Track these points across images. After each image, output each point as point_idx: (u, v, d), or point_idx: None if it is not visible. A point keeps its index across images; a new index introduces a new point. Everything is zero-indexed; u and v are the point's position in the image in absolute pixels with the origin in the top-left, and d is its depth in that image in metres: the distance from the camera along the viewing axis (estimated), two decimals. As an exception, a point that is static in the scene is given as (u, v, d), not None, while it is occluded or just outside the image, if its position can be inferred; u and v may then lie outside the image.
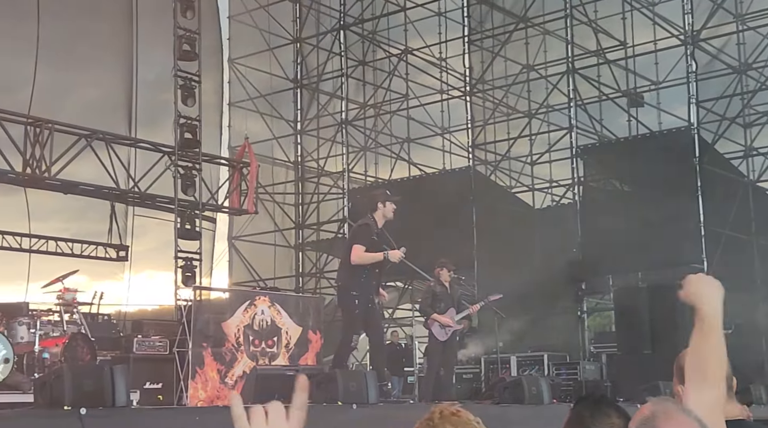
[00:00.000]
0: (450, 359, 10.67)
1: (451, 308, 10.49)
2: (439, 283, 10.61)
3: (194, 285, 13.31)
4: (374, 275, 8.96)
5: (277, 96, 21.28)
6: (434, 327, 10.40)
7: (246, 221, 19.53)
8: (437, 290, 10.55)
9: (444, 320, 10.37)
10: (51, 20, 15.38)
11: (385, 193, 9.27)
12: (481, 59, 19.55)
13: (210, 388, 10.92)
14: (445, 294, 10.54)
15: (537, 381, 9.85)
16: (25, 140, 13.75)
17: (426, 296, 10.65)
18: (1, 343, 8.69)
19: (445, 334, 10.40)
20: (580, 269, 16.52)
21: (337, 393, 8.01)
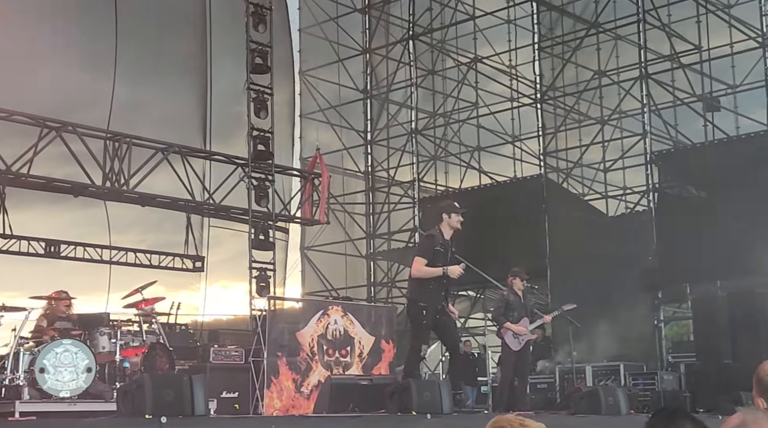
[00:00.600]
0: (524, 369, 10.58)
1: (525, 318, 10.41)
2: (512, 292, 10.54)
3: (269, 295, 13.47)
4: (442, 285, 8.94)
5: (348, 107, 21.45)
6: (507, 336, 10.33)
7: (318, 232, 19.72)
8: (510, 299, 10.47)
9: (518, 329, 10.30)
10: (128, 38, 15.79)
11: (451, 204, 9.26)
12: (552, 66, 19.41)
13: (285, 397, 11.04)
14: (519, 303, 10.47)
15: (614, 392, 9.70)
16: (105, 154, 14.15)
17: (499, 305, 10.58)
18: (84, 353, 8.92)
19: (518, 343, 10.32)
20: (656, 278, 16.25)
21: (411, 403, 8.02)
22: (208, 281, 17.55)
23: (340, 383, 9.17)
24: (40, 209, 15.27)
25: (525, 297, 10.58)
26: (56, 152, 13.78)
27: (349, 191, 21.22)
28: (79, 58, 15.31)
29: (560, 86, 19.46)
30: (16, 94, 13.79)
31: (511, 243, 16.50)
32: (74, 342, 8.94)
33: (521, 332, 10.29)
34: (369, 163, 21.50)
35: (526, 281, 10.56)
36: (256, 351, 11.27)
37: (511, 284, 10.54)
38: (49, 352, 8.70)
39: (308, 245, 20.59)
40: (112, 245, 15.81)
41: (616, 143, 18.78)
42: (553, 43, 19.41)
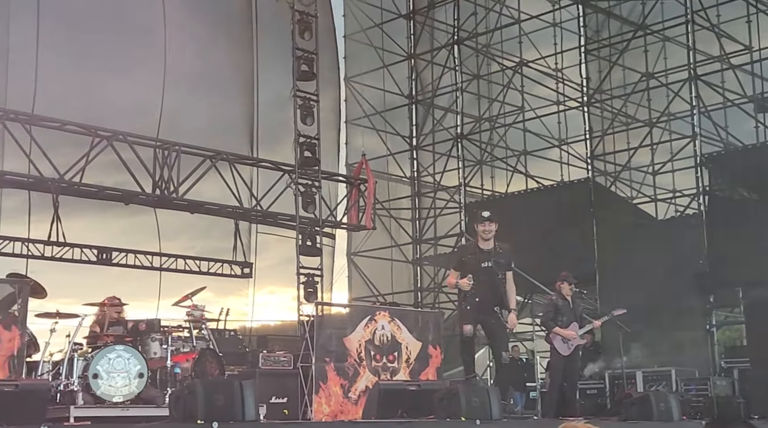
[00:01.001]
0: (573, 374, 10.50)
1: (574, 323, 10.33)
2: (560, 297, 10.48)
3: (316, 301, 13.54)
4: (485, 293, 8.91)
5: (393, 112, 21.48)
6: (556, 341, 10.26)
7: (364, 237, 19.77)
8: (559, 304, 10.41)
9: (567, 333, 10.22)
10: (177, 47, 16.00)
11: (477, 213, 9.30)
12: (599, 68, 19.26)
13: (334, 403, 11.07)
14: (567, 308, 10.39)
15: (665, 397, 9.58)
16: (155, 162, 14.37)
17: (548, 309, 10.52)
18: (136, 358, 9.05)
19: (567, 348, 10.25)
20: (707, 282, 16.01)
21: (460, 409, 8.01)
22: (256, 287, 17.69)
23: (389, 388, 9.18)
24: (92, 217, 15.54)
25: (573, 302, 10.51)
26: (107, 161, 14.03)
27: (395, 196, 21.24)
28: (129, 68, 15.54)
29: (607, 89, 19.29)
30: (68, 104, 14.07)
31: (559, 248, 16.37)
32: (126, 347, 9.08)
33: (571, 337, 10.21)
34: (415, 168, 21.49)
35: (574, 286, 10.49)
36: (304, 357, 11.32)
37: (560, 289, 10.48)
38: (102, 358, 8.84)
39: (355, 251, 20.64)
40: (161, 251, 16.02)
41: (665, 146, 18.55)
42: (599, 46, 19.25)
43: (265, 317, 19.05)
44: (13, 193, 13.98)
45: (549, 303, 10.60)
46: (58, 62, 14.41)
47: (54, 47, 14.34)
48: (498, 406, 8.24)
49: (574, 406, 10.37)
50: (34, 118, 13.32)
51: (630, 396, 9.79)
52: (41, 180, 13.22)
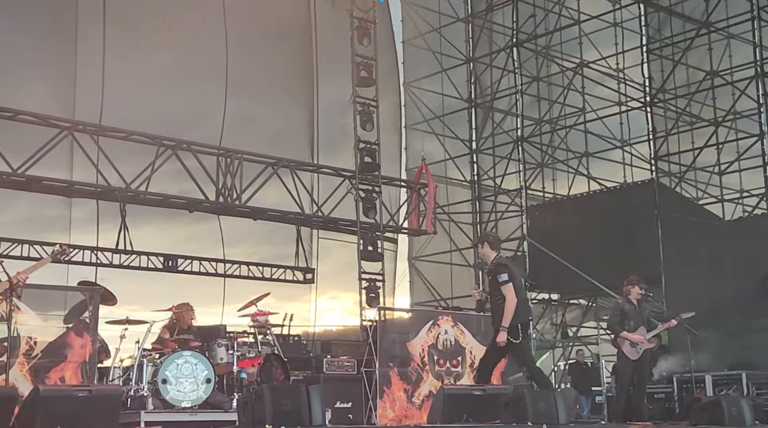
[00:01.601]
0: (642, 378, 10.31)
1: (642, 327, 10.17)
2: (627, 300, 10.32)
3: (379, 306, 13.60)
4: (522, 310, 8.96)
5: (452, 116, 21.43)
6: (625, 345, 10.11)
7: (425, 242, 19.77)
8: (626, 308, 10.24)
9: (635, 338, 10.06)
10: (238, 55, 16.22)
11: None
12: (661, 68, 18.98)
13: (398, 407, 11.10)
14: (634, 312, 10.22)
15: (737, 402, 9.38)
16: (218, 170, 14.61)
17: (615, 313, 10.35)
18: (203, 364, 9.19)
19: (636, 353, 10.09)
20: (777, 283, 15.66)
21: (526, 414, 7.97)
22: (318, 292, 17.80)
23: (454, 393, 9.15)
24: (157, 225, 15.82)
25: (640, 306, 10.34)
26: (172, 169, 14.30)
27: (455, 200, 21.19)
28: (192, 78, 15.80)
29: (671, 88, 19.00)
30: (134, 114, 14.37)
31: (622, 250, 16.18)
32: (194, 353, 9.22)
33: (639, 341, 10.06)
34: (475, 172, 21.43)
35: (643, 290, 10.33)
36: (367, 362, 11.38)
37: (627, 293, 10.31)
38: (170, 363, 8.99)
39: (416, 256, 20.64)
40: (225, 258, 16.24)
41: (732, 145, 18.19)
42: (662, 45, 18.98)
43: (328, 323, 19.17)
44: (82, 203, 14.32)
45: (616, 307, 10.43)
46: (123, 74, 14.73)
47: (119, 59, 14.66)
48: (565, 411, 8.16)
49: (642, 411, 10.21)
50: (102, 129, 13.63)
51: (699, 401, 9.62)
52: (109, 190, 13.52)
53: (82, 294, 9.37)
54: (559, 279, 18.71)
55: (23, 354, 8.65)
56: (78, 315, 9.23)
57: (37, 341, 8.82)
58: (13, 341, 8.11)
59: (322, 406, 7.27)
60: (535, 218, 19.68)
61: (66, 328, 9.15)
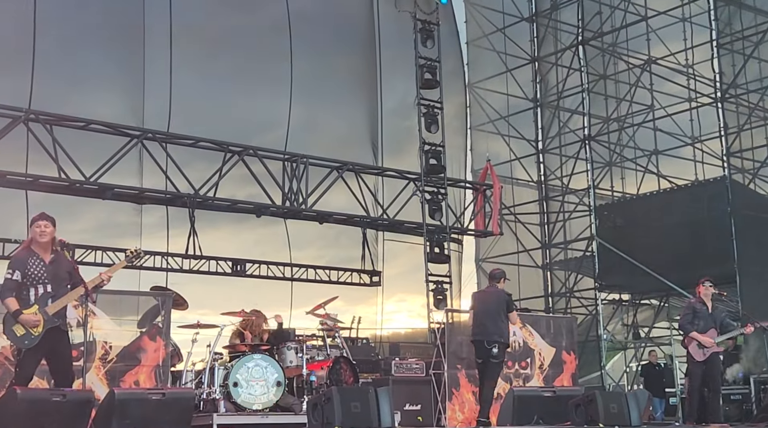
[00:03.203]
0: (714, 380, 10.13)
1: (712, 329, 10.00)
2: (699, 300, 10.17)
3: (446, 308, 13.58)
4: None
5: (517, 116, 21.33)
6: (692, 346, 9.96)
7: (492, 243, 19.69)
8: (697, 308, 10.10)
9: (703, 339, 9.91)
10: (302, 60, 16.39)
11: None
12: (732, 62, 18.60)
13: (467, 410, 11.09)
14: (705, 313, 10.07)
15: (816, 403, 9.17)
16: (283, 174, 14.75)
17: (686, 312, 10.23)
18: (273, 367, 9.31)
19: (702, 354, 9.93)
20: None
21: (597, 415, 7.91)
22: (386, 294, 17.86)
23: (524, 395, 9.13)
24: (225, 230, 16.06)
25: (714, 307, 10.17)
26: (239, 175, 14.49)
27: (522, 201, 21.06)
28: (257, 84, 16.02)
29: (742, 83, 18.59)
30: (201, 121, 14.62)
31: (695, 249, 15.91)
32: (264, 356, 9.35)
33: (708, 343, 9.90)
34: (541, 172, 21.27)
35: (713, 288, 10.16)
36: (436, 364, 11.39)
37: (699, 293, 10.18)
38: (241, 367, 9.13)
39: (483, 257, 20.58)
40: (292, 262, 16.40)
41: (807, 140, 17.77)
42: (732, 39, 18.59)
43: (396, 325, 19.22)
44: (152, 209, 14.61)
45: (687, 306, 10.31)
46: (190, 80, 15.00)
47: (186, 68, 14.93)
48: (637, 412, 8.08)
49: (718, 412, 10.03)
50: (170, 136, 13.89)
51: (777, 402, 9.41)
52: (178, 196, 13.77)
53: (154, 299, 9.59)
54: (630, 279, 18.47)
55: (99, 359, 8.88)
56: (151, 320, 9.45)
57: (112, 345, 9.05)
58: (89, 345, 8.33)
59: (390, 408, 7.32)
60: (603, 218, 19.45)
61: (140, 332, 9.37)
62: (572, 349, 12.38)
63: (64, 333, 6.92)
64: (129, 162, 13.59)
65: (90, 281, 6.93)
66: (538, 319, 12.81)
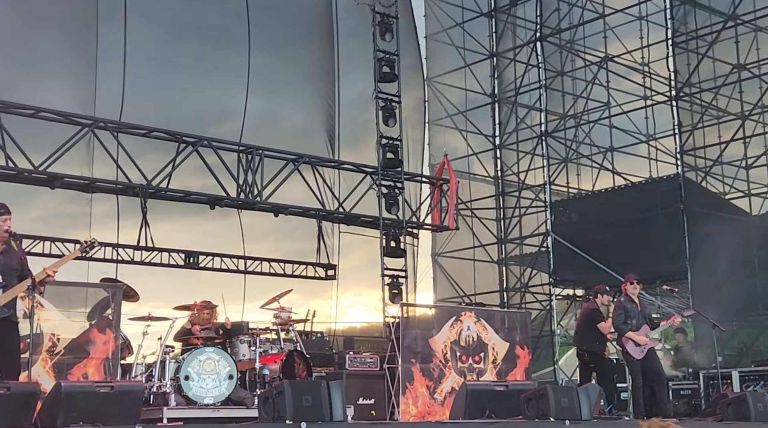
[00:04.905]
0: (657, 375, 10.31)
1: (644, 325, 10.22)
2: (628, 299, 10.36)
3: (401, 302, 13.61)
4: None
5: (475, 112, 21.41)
6: (629, 345, 10.17)
7: (448, 238, 19.77)
8: (628, 307, 10.31)
9: (639, 338, 10.12)
10: (260, 50, 16.29)
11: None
12: (687, 61, 18.81)
13: (421, 404, 11.12)
14: (635, 310, 10.30)
15: (763, 398, 9.36)
16: (239, 166, 14.67)
17: (619, 312, 10.40)
18: (226, 360, 9.25)
19: (640, 352, 10.13)
20: (806, 278, 15.53)
21: (549, 410, 7.97)
22: (341, 288, 17.87)
23: (476, 389, 9.17)
24: (178, 221, 15.94)
25: (641, 304, 10.43)
26: (193, 166, 14.38)
27: (478, 196, 21.17)
28: (213, 74, 15.89)
29: (696, 82, 18.85)
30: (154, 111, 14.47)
31: (648, 246, 16.08)
32: (216, 349, 9.29)
33: (644, 342, 10.10)
34: (498, 167, 21.39)
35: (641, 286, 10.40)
36: (390, 358, 11.40)
37: (625, 291, 10.38)
38: (193, 360, 9.06)
39: (439, 252, 20.65)
40: (246, 255, 16.32)
41: (759, 139, 18.05)
42: (687, 38, 18.82)
43: (351, 319, 19.23)
44: (102, 199, 14.44)
45: (619, 306, 10.48)
46: (144, 69, 14.83)
47: (140, 56, 14.77)
48: (588, 407, 8.16)
49: (666, 407, 10.19)
50: (122, 125, 13.74)
51: (725, 397, 9.58)
52: (129, 186, 13.62)
53: (104, 291, 9.47)
54: (584, 275, 18.63)
55: (46, 351, 8.75)
56: (101, 312, 9.33)
57: (60, 337, 8.92)
58: (36, 337, 8.20)
59: (342, 402, 7.32)
60: (559, 214, 19.61)
61: (89, 325, 9.24)
62: (526, 344, 12.46)
63: (14, 325, 6.84)
64: (79, 151, 13.42)
65: (37, 274, 6.85)
66: (493, 314, 12.87)
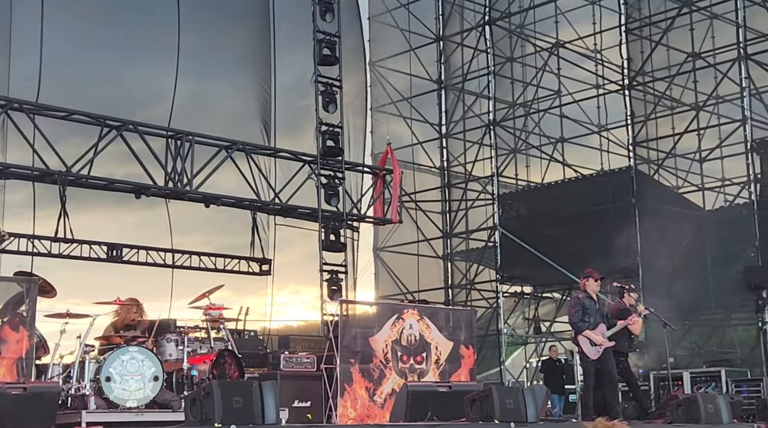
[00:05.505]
0: (608, 376, 10.42)
1: (601, 324, 10.26)
2: (587, 296, 10.39)
3: (341, 299, 13.56)
4: None
5: (420, 98, 21.47)
6: (584, 344, 10.21)
7: (391, 231, 19.79)
8: (586, 304, 10.31)
9: (595, 337, 10.16)
10: (191, 29, 16.09)
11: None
12: (641, 49, 19.12)
13: (360, 406, 11.10)
14: (594, 308, 10.31)
15: (714, 399, 9.55)
16: (167, 152, 14.46)
17: (576, 309, 10.40)
18: (151, 360, 9.10)
19: (596, 352, 10.18)
20: (759, 276, 15.88)
21: (493, 411, 8.02)
22: (277, 284, 17.77)
23: (418, 390, 9.19)
24: (101, 212, 15.69)
25: (600, 301, 10.44)
26: (117, 152, 14.15)
27: (423, 187, 21.23)
28: (140, 53, 15.66)
29: (650, 71, 19.15)
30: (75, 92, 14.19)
31: (599, 240, 16.31)
32: (140, 349, 9.13)
33: (599, 341, 10.16)
34: (444, 157, 21.48)
35: (600, 282, 10.44)
36: (328, 358, 11.35)
37: (585, 287, 10.40)
38: (115, 360, 8.90)
39: (381, 246, 20.68)
40: (175, 248, 16.13)
41: (713, 131, 18.40)
42: (641, 25, 19.11)
43: (287, 317, 19.14)
44: (17, 186, 14.13)
45: (576, 302, 10.49)
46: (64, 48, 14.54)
47: (60, 32, 14.48)
48: (533, 408, 8.23)
49: (616, 409, 10.32)
50: (39, 107, 13.45)
51: (676, 398, 9.75)
52: (47, 173, 13.34)
53: (18, 286, 9.25)
54: (532, 271, 18.85)
55: (-47, 350, 8.54)
56: (14, 308, 9.11)
57: (-32, 336, 8.71)
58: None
59: (276, 404, 7.27)
60: (507, 207, 19.79)
61: (0, 322, 9.04)
62: (471, 343, 12.51)
63: None
64: (-8, 135, 13.13)
65: None
66: (437, 312, 12.89)
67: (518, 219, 19.70)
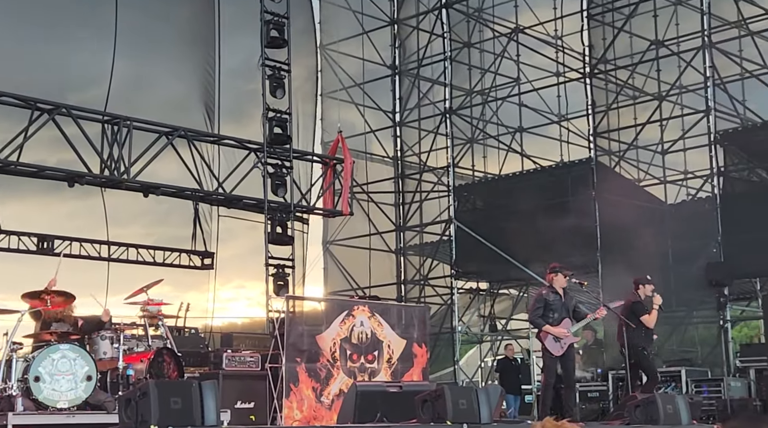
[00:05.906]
0: (569, 375, 10.52)
1: (566, 319, 10.33)
2: (552, 290, 10.45)
3: (287, 295, 13.52)
4: None
5: (374, 84, 21.46)
6: (547, 340, 10.26)
7: (341, 224, 19.78)
8: (550, 299, 10.37)
9: (559, 332, 10.22)
10: (129, 6, 15.92)
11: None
12: (603, 36, 19.26)
13: (306, 407, 11.11)
14: (559, 303, 10.35)
15: (673, 400, 9.68)
16: (102, 138, 14.30)
17: (537, 305, 10.46)
18: (84, 359, 9.00)
19: (560, 348, 10.25)
20: (721, 272, 16.12)
21: (445, 412, 8.06)
22: (221, 279, 17.71)
23: (367, 390, 9.21)
24: (31, 201, 15.50)
25: (566, 296, 10.47)
26: (48, 137, 13.96)
27: (376, 178, 21.24)
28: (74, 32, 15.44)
29: (612, 59, 19.32)
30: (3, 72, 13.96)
31: (558, 235, 16.44)
32: (72, 347, 9.03)
33: (563, 335, 10.21)
34: (398, 147, 21.50)
35: (569, 278, 10.49)
36: (273, 357, 11.34)
37: (552, 281, 10.46)
38: (44, 359, 8.78)
39: (330, 239, 20.66)
40: (110, 240, 15.99)
41: (676, 122, 18.63)
42: (603, 10, 19.25)
43: (230, 314, 19.06)
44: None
45: (539, 298, 10.55)
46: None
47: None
48: (487, 409, 8.28)
49: (573, 410, 10.42)
50: (-37, 89, 13.23)
51: (634, 399, 9.85)
52: (-27, 159, 13.15)
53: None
54: (489, 266, 18.96)
55: None
56: (-66, 303, 8.98)
57: None
58: None
59: (216, 405, 7.22)
60: (463, 199, 19.87)
61: None
62: (424, 341, 12.58)
63: None
64: None
65: None
66: (389, 308, 12.95)
67: (474, 212, 19.79)
